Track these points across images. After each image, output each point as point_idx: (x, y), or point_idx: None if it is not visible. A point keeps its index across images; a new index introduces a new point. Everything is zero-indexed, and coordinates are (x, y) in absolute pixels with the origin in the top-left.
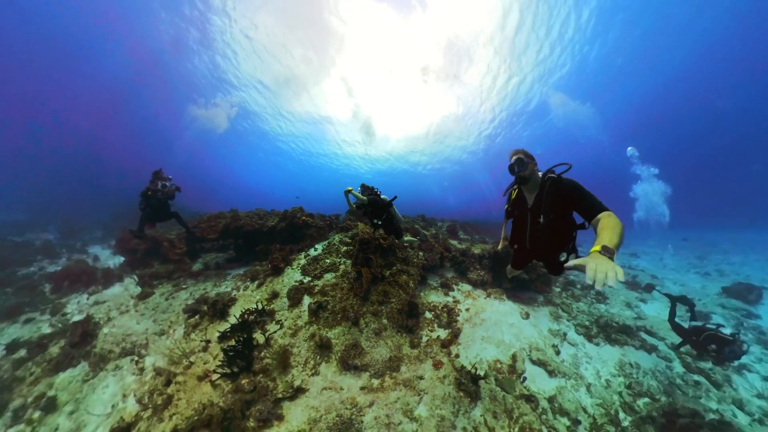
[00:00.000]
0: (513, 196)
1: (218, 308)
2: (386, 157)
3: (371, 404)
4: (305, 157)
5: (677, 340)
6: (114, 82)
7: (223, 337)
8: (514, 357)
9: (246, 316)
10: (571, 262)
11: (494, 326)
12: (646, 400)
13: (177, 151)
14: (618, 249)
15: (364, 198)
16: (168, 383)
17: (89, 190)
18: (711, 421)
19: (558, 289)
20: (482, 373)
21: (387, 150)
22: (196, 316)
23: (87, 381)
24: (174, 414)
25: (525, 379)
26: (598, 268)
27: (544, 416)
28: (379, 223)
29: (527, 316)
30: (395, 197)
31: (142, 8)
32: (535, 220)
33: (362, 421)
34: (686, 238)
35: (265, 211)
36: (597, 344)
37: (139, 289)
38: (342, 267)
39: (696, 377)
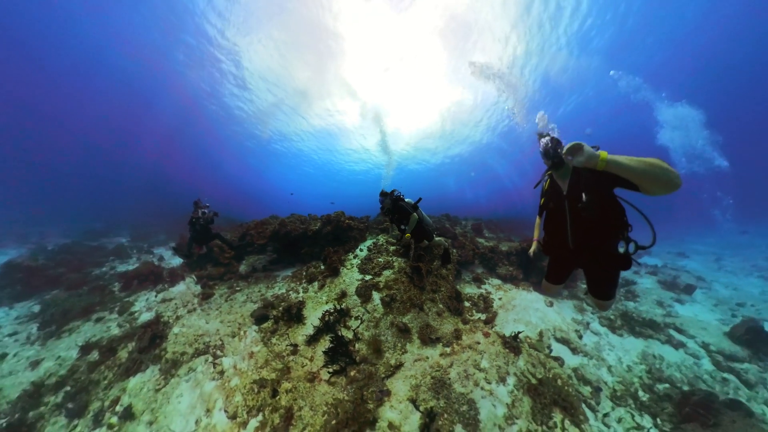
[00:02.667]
0: (546, 188)
1: (293, 313)
2: (400, 153)
3: (451, 364)
4: (322, 161)
5: (710, 339)
6: (171, 116)
7: (312, 340)
8: (540, 334)
9: (327, 317)
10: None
11: (523, 310)
12: (666, 385)
13: (225, 167)
14: (628, 166)
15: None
16: (275, 393)
17: (155, 200)
18: (725, 400)
19: (584, 285)
20: (519, 333)
21: (400, 147)
22: (269, 321)
23: (159, 390)
24: (305, 428)
25: (551, 351)
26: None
27: (570, 381)
28: (405, 228)
29: (551, 304)
30: (420, 199)
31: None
32: (575, 206)
33: (450, 378)
34: (746, 230)
35: (303, 216)
36: (620, 335)
37: (199, 288)
38: (396, 264)
39: (726, 375)
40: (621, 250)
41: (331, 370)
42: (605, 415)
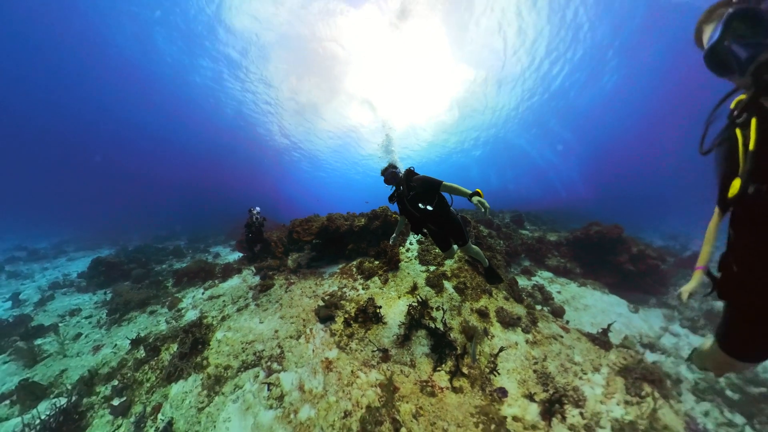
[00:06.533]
0: (756, 144)
1: (370, 313)
2: (420, 146)
3: (545, 357)
4: (341, 165)
5: None
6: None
7: (404, 340)
8: (625, 338)
9: (412, 312)
10: None
11: (601, 313)
12: (763, 389)
13: (260, 178)
14: None
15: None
16: (397, 428)
17: (216, 208)
18: None
19: (677, 292)
20: (609, 326)
21: (416, 142)
22: (340, 323)
23: (202, 409)
24: None
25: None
26: None
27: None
28: (429, 209)
29: (636, 310)
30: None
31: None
32: None
33: (550, 369)
34: None
35: (342, 214)
36: (703, 335)
37: (257, 279)
38: (455, 254)
39: None
40: None
41: (446, 370)
42: None
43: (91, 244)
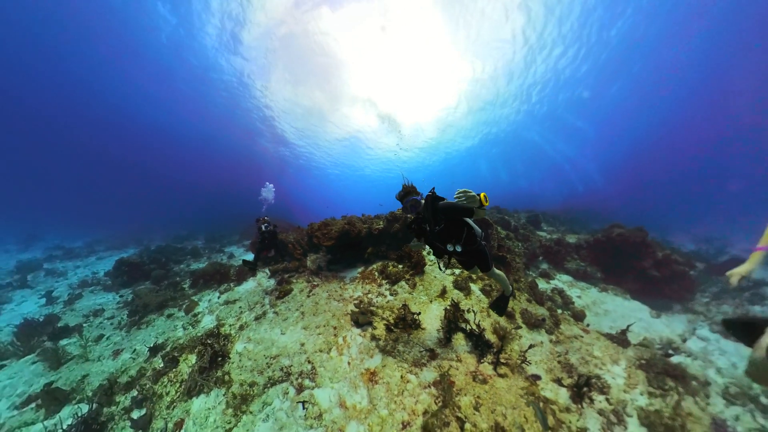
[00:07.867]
0: None
1: (409, 320)
2: (427, 142)
3: (567, 352)
4: (350, 164)
5: None
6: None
7: (446, 341)
8: (644, 339)
9: (449, 315)
10: None
11: (621, 318)
12: None
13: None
14: None
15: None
16: (462, 425)
17: (231, 209)
18: None
19: (706, 299)
20: (629, 326)
21: (422, 140)
22: (381, 328)
23: (230, 430)
24: None
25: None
26: None
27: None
28: (459, 249)
29: (658, 315)
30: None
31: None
32: None
33: (572, 361)
34: None
35: (359, 216)
36: (735, 341)
37: (272, 283)
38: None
39: None
40: None
41: (488, 362)
42: None
43: (118, 244)
